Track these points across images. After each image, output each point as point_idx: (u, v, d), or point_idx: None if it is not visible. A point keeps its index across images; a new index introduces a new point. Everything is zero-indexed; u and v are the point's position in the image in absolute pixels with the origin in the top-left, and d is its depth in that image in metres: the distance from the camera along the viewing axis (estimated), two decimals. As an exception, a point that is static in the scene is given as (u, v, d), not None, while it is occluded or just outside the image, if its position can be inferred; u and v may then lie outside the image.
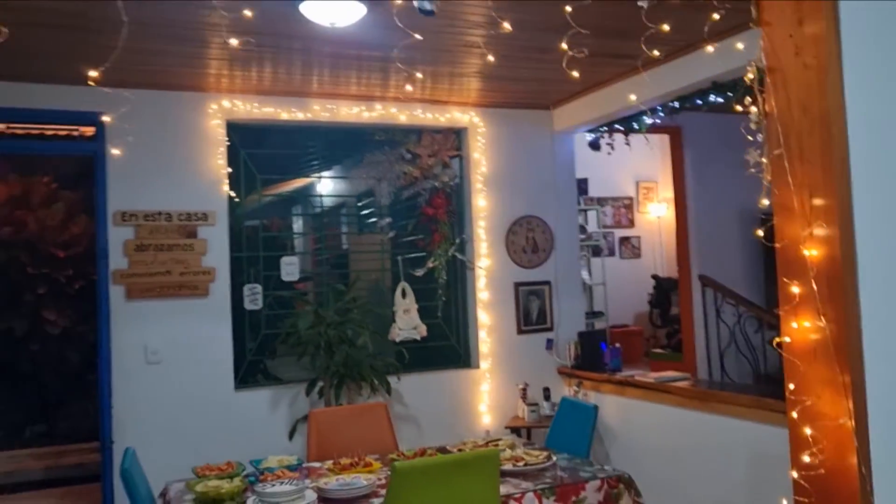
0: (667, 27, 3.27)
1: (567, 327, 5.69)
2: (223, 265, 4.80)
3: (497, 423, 5.40)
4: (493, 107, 5.55)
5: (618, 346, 5.35)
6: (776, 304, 2.30)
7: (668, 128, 6.41)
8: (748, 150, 2.36)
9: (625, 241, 9.10)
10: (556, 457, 3.52)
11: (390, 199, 5.43)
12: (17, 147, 4.94)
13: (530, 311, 5.64)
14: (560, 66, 3.71)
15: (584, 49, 3.50)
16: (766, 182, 2.29)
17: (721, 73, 4.22)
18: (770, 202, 2.28)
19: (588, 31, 3.24)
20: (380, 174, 5.36)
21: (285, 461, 3.53)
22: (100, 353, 4.53)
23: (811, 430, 2.13)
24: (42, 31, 3.66)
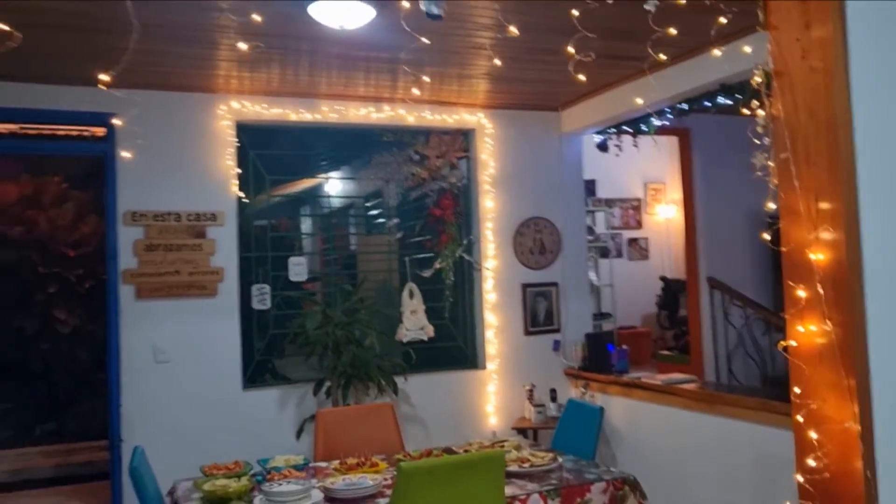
0: (674, 31, 3.27)
1: (574, 329, 5.69)
2: (232, 265, 4.83)
3: (504, 424, 5.40)
4: (501, 108, 5.56)
5: (625, 347, 5.34)
6: (784, 306, 2.29)
7: (676, 130, 6.40)
8: (755, 154, 2.36)
9: (633, 242, 9.09)
10: (561, 458, 3.52)
11: (398, 200, 5.46)
12: (29, 147, 4.98)
13: (537, 312, 5.64)
14: (568, 68, 3.71)
15: (592, 53, 3.50)
16: (773, 185, 2.29)
17: (729, 75, 4.21)
18: (776, 206, 2.28)
19: (595, 34, 3.25)
20: (388, 175, 5.38)
21: (292, 461, 3.55)
22: (109, 352, 4.57)
23: (816, 434, 2.12)
24: (53, 33, 3.69)
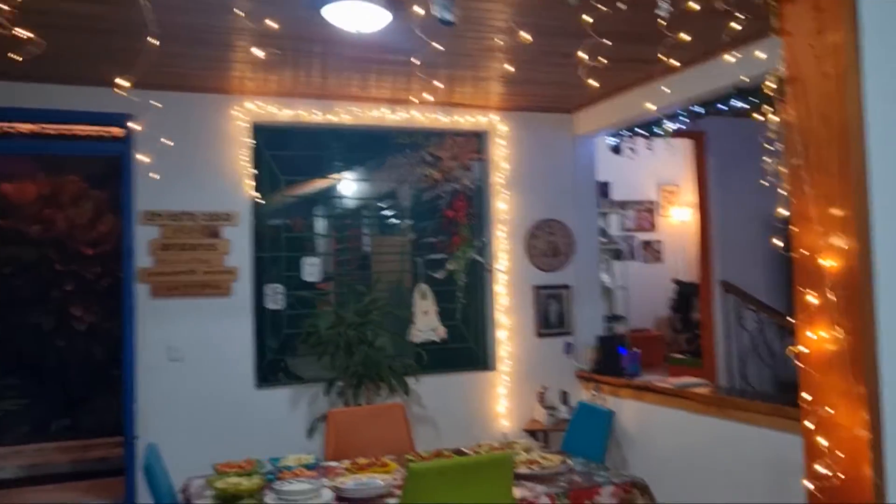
0: (687, 36, 3.26)
1: (586, 331, 5.69)
2: (246, 265, 4.87)
3: (514, 426, 5.41)
4: (515, 110, 5.57)
5: (636, 350, 5.33)
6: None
7: (691, 133, 6.37)
8: (767, 159, 2.36)
9: (647, 244, 9.04)
10: (571, 461, 3.53)
11: (411, 201, 5.48)
12: (48, 147, 5.05)
13: (549, 314, 5.64)
14: (579, 73, 3.71)
15: (604, 58, 3.49)
16: (785, 191, 2.29)
17: (742, 79, 4.19)
18: (788, 211, 2.28)
19: (609, 38, 3.24)
20: (401, 176, 5.41)
21: (303, 460, 3.58)
22: (124, 350, 4.62)
23: (826, 441, 2.12)
24: (72, 35, 3.74)
